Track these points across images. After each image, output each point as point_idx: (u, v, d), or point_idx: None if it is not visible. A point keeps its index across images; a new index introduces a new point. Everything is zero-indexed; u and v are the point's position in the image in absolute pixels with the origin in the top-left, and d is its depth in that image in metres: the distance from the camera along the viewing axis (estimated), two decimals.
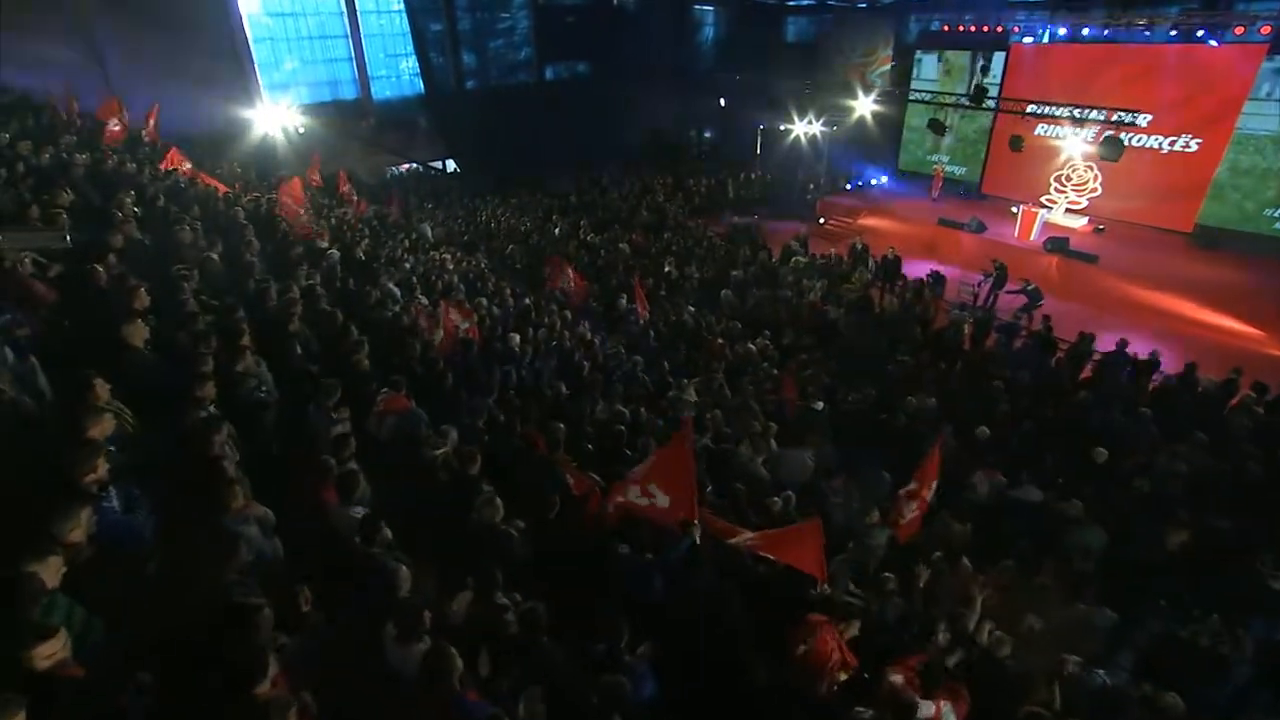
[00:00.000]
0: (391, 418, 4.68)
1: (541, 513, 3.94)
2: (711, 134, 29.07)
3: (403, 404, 4.76)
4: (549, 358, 7.69)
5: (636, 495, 3.96)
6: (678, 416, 6.73)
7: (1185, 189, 16.68)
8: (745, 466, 6.00)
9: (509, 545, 3.66)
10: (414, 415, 4.67)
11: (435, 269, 11.01)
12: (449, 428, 4.49)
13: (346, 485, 3.58)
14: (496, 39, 23.69)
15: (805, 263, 13.78)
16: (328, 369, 5.41)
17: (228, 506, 2.98)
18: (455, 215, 18.29)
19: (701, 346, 9.86)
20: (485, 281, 11.32)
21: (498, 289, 10.53)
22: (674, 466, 3.84)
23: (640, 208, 20.31)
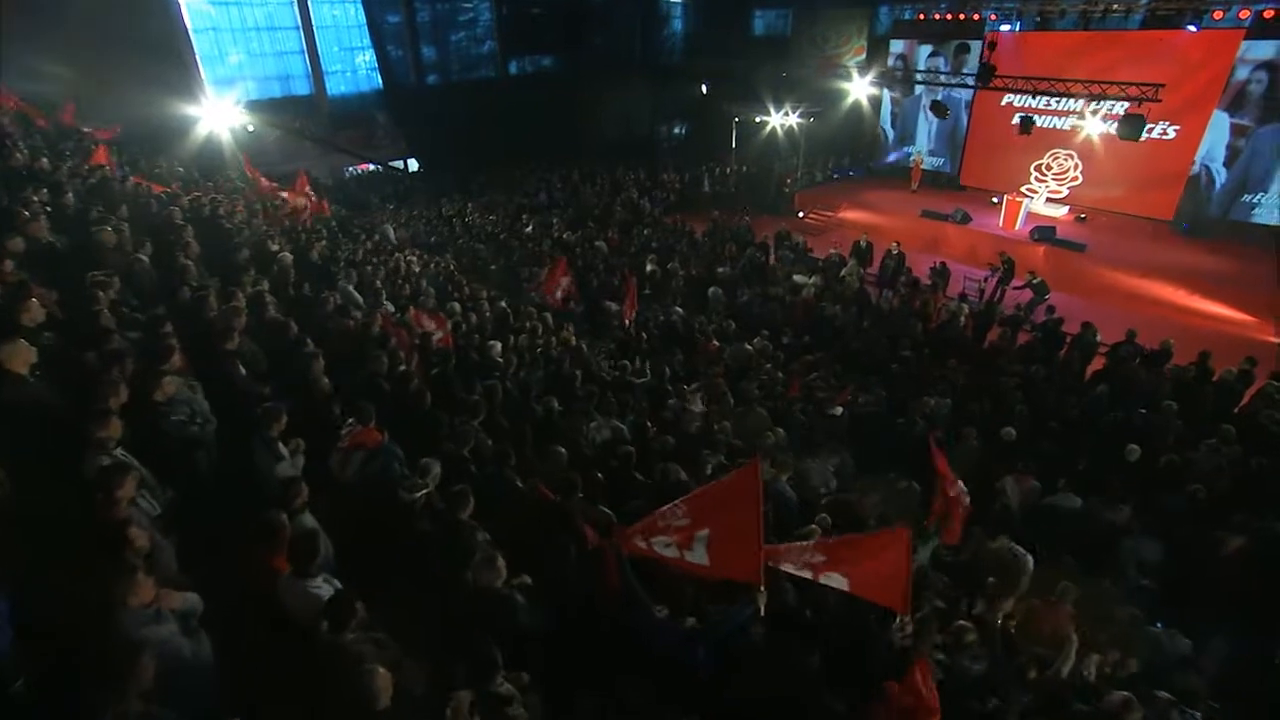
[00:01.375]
0: (360, 455, 3.84)
1: (553, 568, 3.17)
2: (684, 128, 28.45)
3: (373, 438, 3.92)
4: (534, 367, 6.89)
5: (666, 545, 3.18)
6: (687, 431, 6.01)
7: (1164, 177, 16.57)
8: (770, 487, 5.28)
9: (514, 614, 2.88)
10: (386, 452, 3.84)
11: (401, 272, 10.11)
12: (430, 461, 3.67)
13: (302, 550, 2.74)
14: (457, 32, 22.69)
15: (799, 258, 13.19)
16: (280, 390, 4.55)
17: (126, 600, 2.13)
18: (419, 216, 17.28)
19: (695, 349, 9.16)
20: (457, 285, 10.46)
21: (472, 293, 9.67)
22: (733, 516, 3.06)
23: (614, 205, 19.56)
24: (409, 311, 6.98)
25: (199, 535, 2.99)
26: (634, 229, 16.97)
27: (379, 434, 4.04)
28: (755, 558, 2.95)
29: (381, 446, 3.97)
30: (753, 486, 3.01)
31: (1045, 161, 18.18)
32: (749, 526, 2.95)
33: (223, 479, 3.51)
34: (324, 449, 3.88)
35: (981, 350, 9.41)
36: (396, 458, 4.05)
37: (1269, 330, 12.66)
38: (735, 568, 3.05)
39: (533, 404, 5.68)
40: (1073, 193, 17.89)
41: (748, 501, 2.97)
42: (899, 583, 3.10)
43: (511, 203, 19.19)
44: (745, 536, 2.95)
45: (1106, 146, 17.32)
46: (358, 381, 5.01)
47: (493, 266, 12.67)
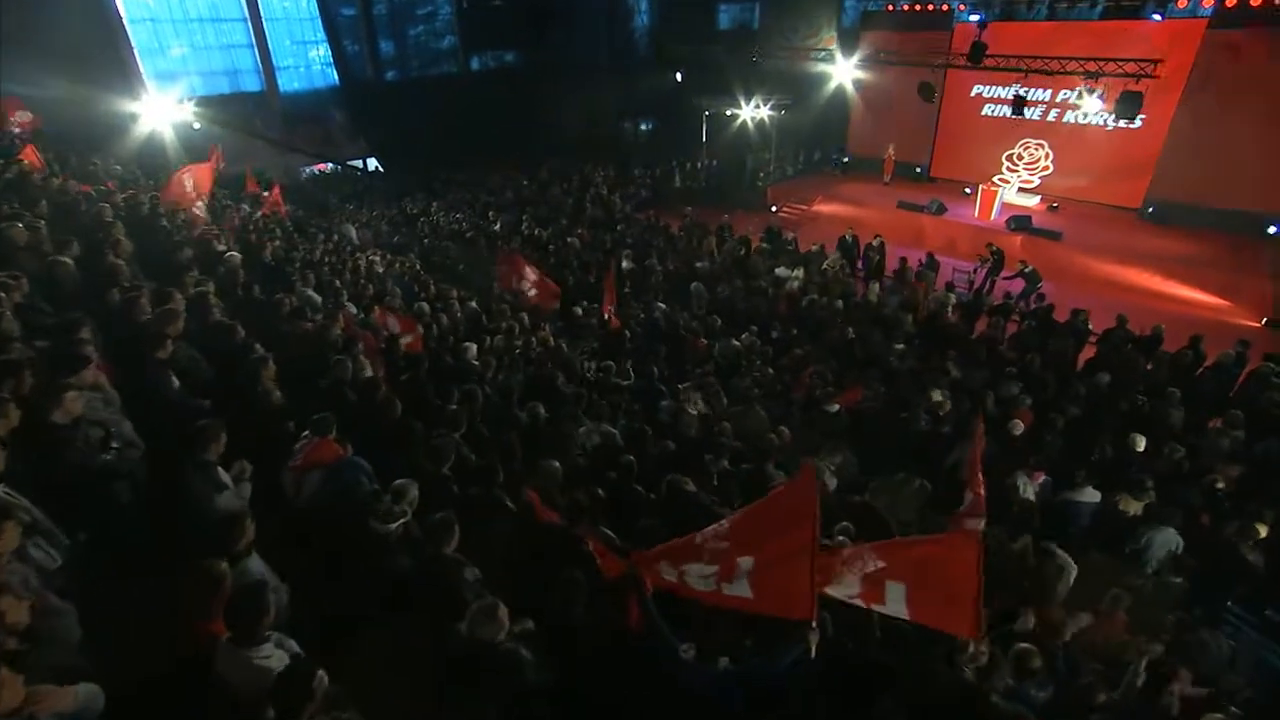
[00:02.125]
0: (317, 474, 3.25)
1: (561, 609, 2.64)
2: (651, 124, 28.03)
3: (332, 452, 3.33)
4: (514, 370, 6.32)
5: (703, 577, 2.67)
6: (686, 434, 5.52)
7: (1132, 166, 16.69)
8: None
9: (518, 672, 2.35)
10: (350, 467, 3.25)
11: (364, 273, 9.42)
12: (406, 483, 3.09)
13: (245, 610, 2.15)
14: (416, 26, 21.89)
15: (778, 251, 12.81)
16: (225, 403, 3.92)
17: None
18: (381, 216, 16.47)
19: (681, 346, 8.68)
20: (424, 285, 9.80)
21: (441, 293, 9.03)
22: (782, 540, 2.54)
23: (584, 201, 19.04)
24: (374, 313, 6.34)
25: (115, 592, 2.38)
26: (606, 225, 16.47)
27: (339, 448, 3.45)
28: (809, 590, 2.46)
29: (343, 461, 3.38)
30: (807, 503, 2.50)
31: (1016, 151, 18.22)
32: (801, 552, 2.45)
33: (150, 517, 2.89)
34: (277, 472, 3.28)
35: (975, 341, 9.11)
36: (364, 472, 3.47)
37: (1245, 313, 12.75)
38: (784, 602, 2.56)
39: (516, 411, 5.12)
40: (1044, 182, 17.95)
41: (801, 522, 2.46)
42: (968, 600, 2.62)
43: (477, 201, 18.49)
44: (797, 564, 2.45)
45: (1076, 136, 17.42)
46: (317, 391, 4.40)
47: (461, 266, 12.00)
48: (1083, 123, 17.31)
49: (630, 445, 4.95)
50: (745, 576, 2.58)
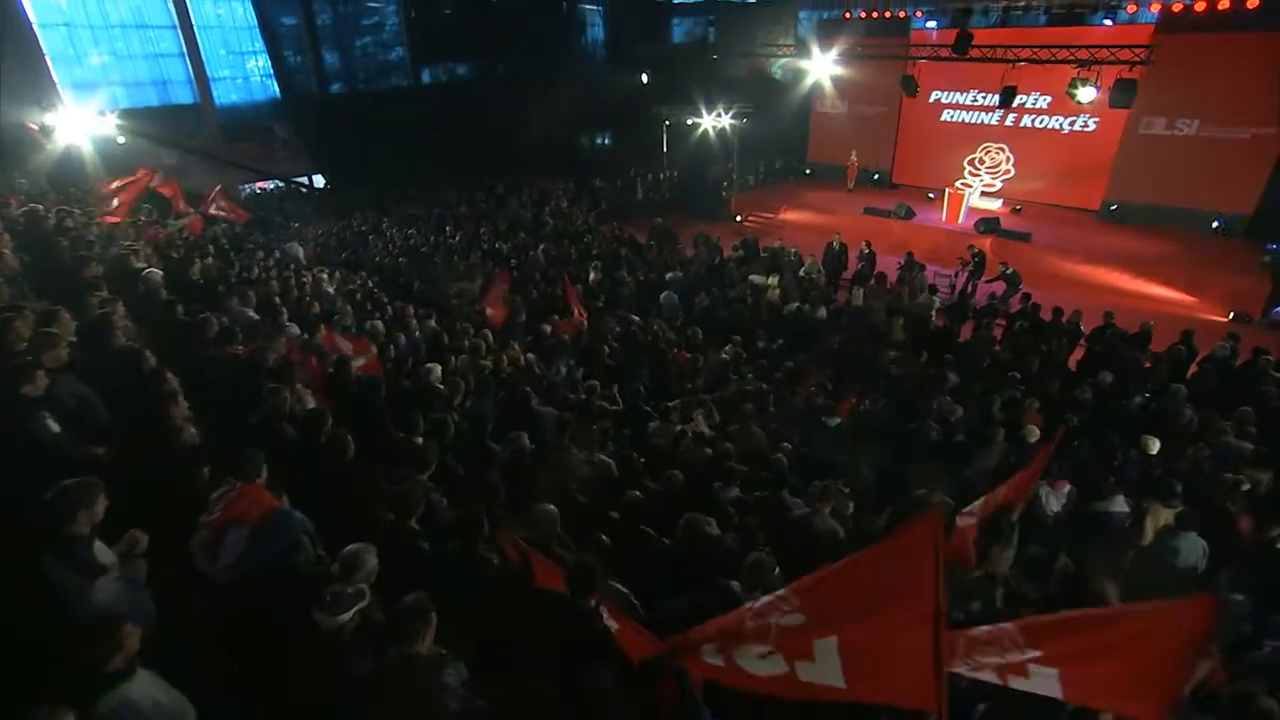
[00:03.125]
0: (240, 533, 2.46)
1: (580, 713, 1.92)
2: (610, 136, 27.63)
3: (261, 503, 2.54)
4: (484, 394, 5.55)
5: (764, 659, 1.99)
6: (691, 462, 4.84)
7: (1089, 168, 16.89)
8: (808, 524, 4.19)
9: None
10: (284, 523, 2.47)
11: (310, 290, 8.52)
12: (360, 551, 2.33)
13: None
14: (363, 37, 20.99)
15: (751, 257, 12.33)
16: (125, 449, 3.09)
17: None
18: (329, 233, 15.46)
19: (662, 362, 8.02)
20: (378, 303, 8.94)
21: (397, 310, 8.18)
22: (890, 612, 1.84)
23: (544, 214, 18.36)
24: (320, 332, 5.50)
25: None
26: (569, 237, 15.80)
27: (270, 496, 2.66)
28: (931, 673, 1.80)
29: (276, 516, 2.59)
30: (922, 564, 1.83)
31: (978, 155, 18.31)
32: (918, 626, 1.79)
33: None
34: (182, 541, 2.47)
35: (971, 344, 8.71)
36: (303, 530, 2.69)
37: (1211, 308, 12.83)
38: (893, 688, 1.90)
39: (489, 443, 4.37)
40: (1006, 185, 18.06)
41: (918, 586, 1.80)
42: (1165, 681, 1.98)
43: (432, 215, 17.61)
44: (912, 642, 1.79)
45: (1035, 139, 17.60)
46: (248, 428, 3.58)
47: (417, 284, 11.14)
48: (1040, 126, 17.52)
49: (628, 477, 4.25)
50: (834, 657, 1.91)
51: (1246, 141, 15.12)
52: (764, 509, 4.50)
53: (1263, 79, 14.19)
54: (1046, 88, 17.02)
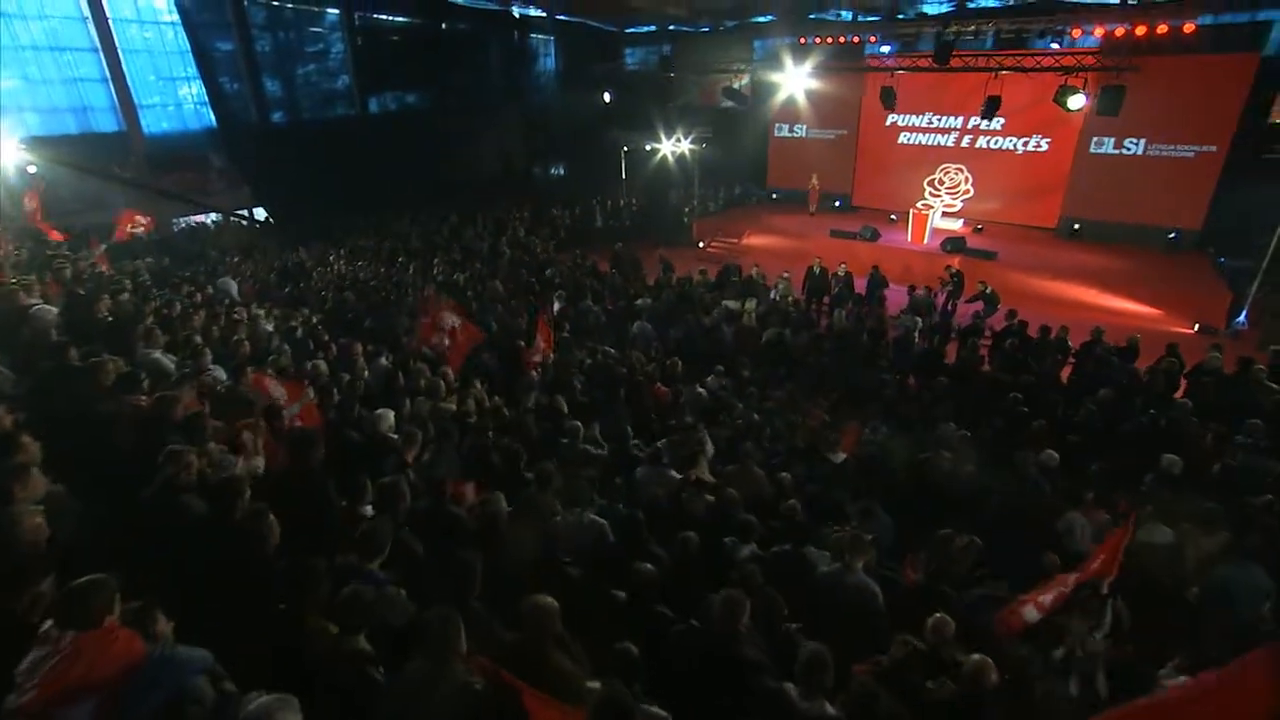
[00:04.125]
0: (83, 713, 1.63)
1: None
2: (565, 165, 27.27)
3: (114, 658, 1.72)
4: (445, 443, 4.75)
5: None
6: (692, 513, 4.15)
7: (1045, 187, 17.16)
8: (841, 584, 3.53)
9: None
10: (161, 674, 1.66)
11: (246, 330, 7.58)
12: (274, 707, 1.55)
13: None
14: (306, 64, 20.07)
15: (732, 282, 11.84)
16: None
17: None
18: (270, 267, 14.39)
19: (639, 396, 7.33)
20: (321, 342, 8.03)
21: (343, 348, 7.29)
22: None
23: (500, 244, 17.64)
24: (246, 376, 4.64)
25: None
26: (529, 267, 15.08)
27: (133, 641, 1.83)
28: None
29: (147, 666, 1.77)
30: None
31: (937, 176, 18.44)
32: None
33: None
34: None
35: (964, 366, 8.31)
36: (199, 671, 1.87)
37: (1177, 321, 12.90)
38: None
39: (452, 508, 3.59)
40: (965, 205, 18.20)
41: None
42: None
43: (382, 248, 16.69)
44: None
45: (990, 160, 17.84)
46: (137, 506, 2.74)
47: (367, 321, 10.23)
48: (995, 147, 17.76)
49: (631, 542, 3.52)
50: None
51: (1191, 160, 15.54)
52: (785, 568, 3.82)
53: (1202, 100, 14.62)
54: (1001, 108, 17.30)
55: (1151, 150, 15.77)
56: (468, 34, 23.98)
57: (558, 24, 26.19)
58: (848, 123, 19.91)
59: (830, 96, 19.11)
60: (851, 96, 19.24)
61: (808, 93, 18.91)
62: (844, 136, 20.14)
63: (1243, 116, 14.62)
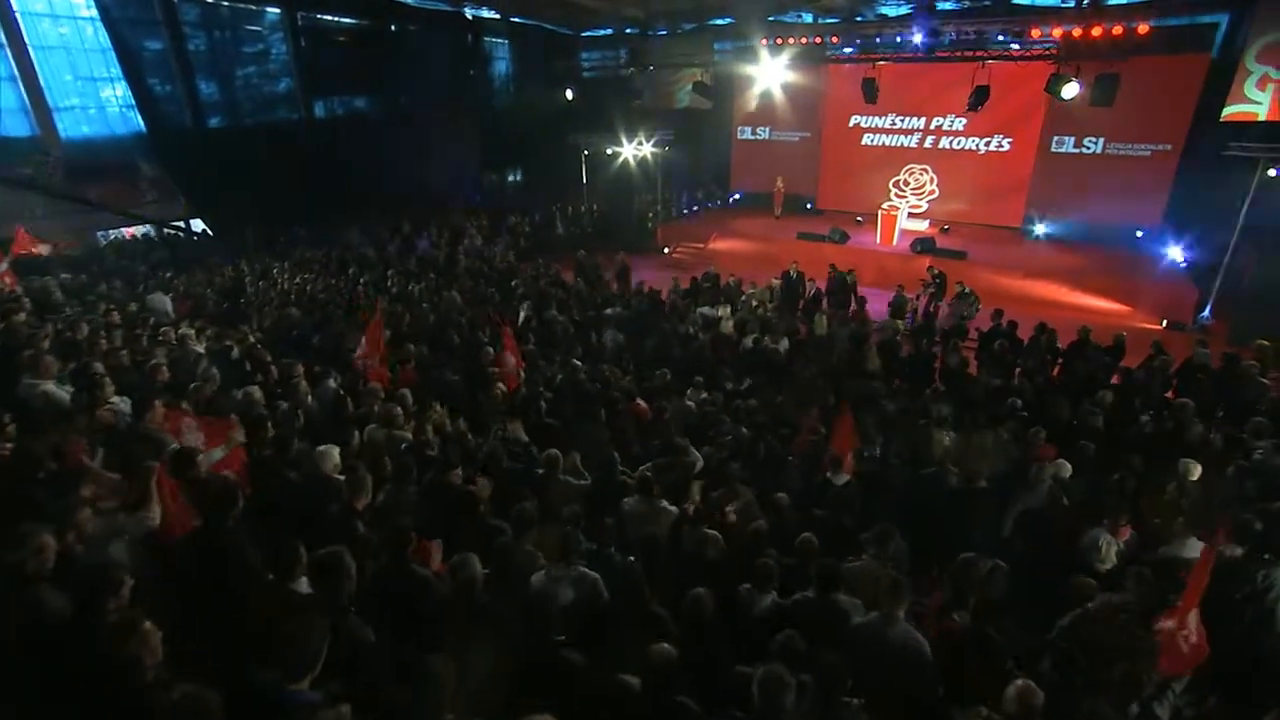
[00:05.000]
0: None
1: None
2: (526, 168, 26.57)
3: None
4: (403, 481, 4.03)
5: None
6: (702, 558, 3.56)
7: (1008, 186, 17.22)
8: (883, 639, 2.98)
9: None
10: None
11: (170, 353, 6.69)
12: None
13: None
14: (245, 66, 18.93)
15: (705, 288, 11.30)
16: None
17: None
18: (207, 282, 13.29)
19: (614, 414, 6.71)
20: (260, 363, 7.18)
21: (284, 372, 6.46)
22: None
23: (457, 253, 16.84)
24: (153, 412, 3.85)
25: None
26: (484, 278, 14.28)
27: None
28: None
29: None
30: None
31: (902, 177, 18.36)
32: None
33: None
34: None
35: (956, 371, 7.93)
36: None
37: (1146, 317, 12.94)
38: None
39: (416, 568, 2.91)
40: (931, 206, 18.14)
41: None
42: None
43: (331, 259, 15.70)
44: None
45: (954, 160, 17.82)
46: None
47: (315, 338, 9.36)
48: (957, 148, 17.76)
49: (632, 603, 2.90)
50: None
51: (1148, 159, 15.75)
52: (814, 620, 3.25)
53: (1155, 100, 14.78)
54: (962, 109, 17.32)
55: (1110, 149, 15.92)
56: (418, 36, 23.06)
57: (512, 26, 25.48)
58: (811, 125, 19.73)
59: (793, 98, 18.89)
60: (815, 98, 19.07)
61: (771, 95, 18.65)
62: (808, 139, 19.96)
63: (1195, 115, 14.84)
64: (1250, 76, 12.17)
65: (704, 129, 21.82)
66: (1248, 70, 12.18)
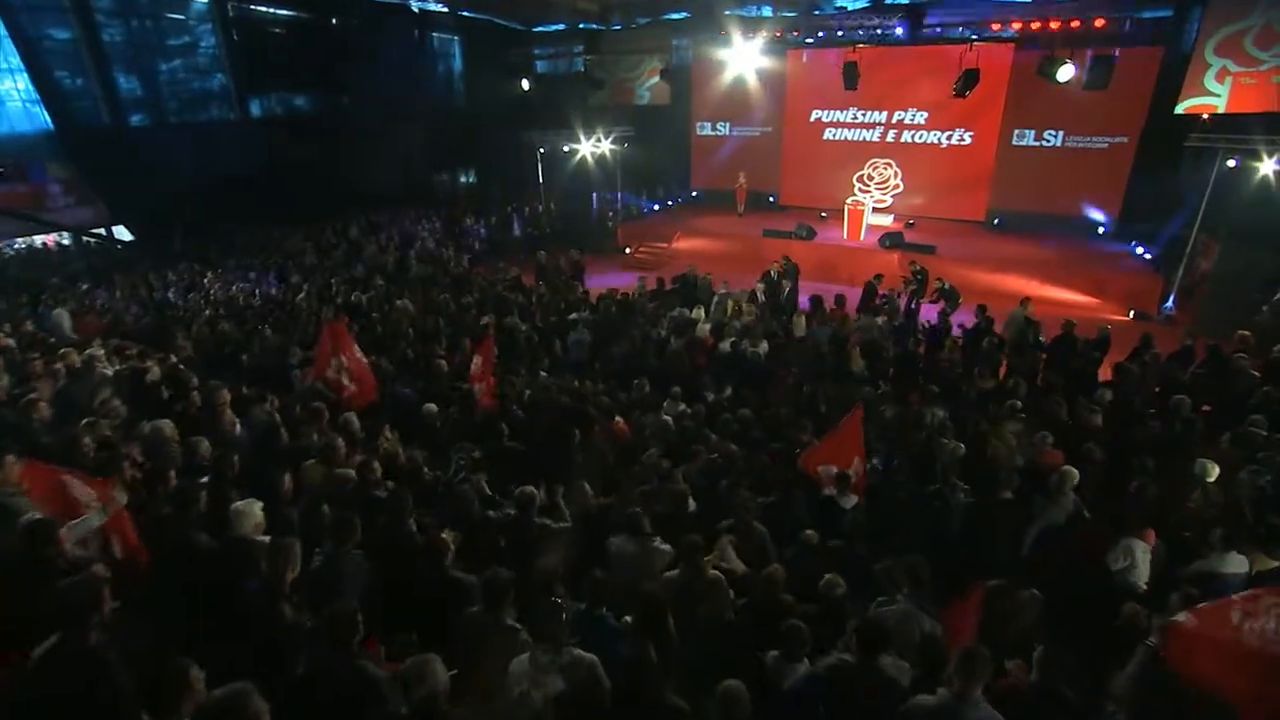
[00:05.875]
0: None
1: None
2: (475, 172, 25.62)
3: None
4: (347, 536, 3.27)
5: None
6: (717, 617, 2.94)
7: (972, 180, 17.15)
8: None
9: None
10: None
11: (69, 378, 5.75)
12: None
13: None
14: (170, 59, 17.57)
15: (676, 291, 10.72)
16: None
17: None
18: (126, 296, 12.11)
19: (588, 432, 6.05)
20: (182, 387, 6.29)
21: (205, 398, 5.59)
22: None
23: (408, 259, 15.89)
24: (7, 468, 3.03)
25: None
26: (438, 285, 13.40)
27: None
28: None
29: None
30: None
31: (866, 171, 18.15)
32: None
33: None
34: None
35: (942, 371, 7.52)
36: None
37: (1113, 308, 12.93)
38: None
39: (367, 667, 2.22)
40: (895, 201, 17.98)
41: None
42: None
43: (270, 266, 14.61)
44: None
45: (916, 155, 17.69)
46: None
47: (245, 356, 8.42)
48: (920, 141, 17.64)
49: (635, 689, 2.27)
50: None
51: (1105, 151, 15.87)
52: (858, 692, 2.67)
53: (1111, 93, 14.83)
54: (922, 104, 17.24)
55: (1070, 141, 15.99)
56: (363, 30, 21.89)
57: (461, 21, 24.49)
58: (772, 119, 19.39)
59: (754, 92, 18.49)
60: (776, 92, 18.72)
61: (733, 88, 18.20)
62: (769, 133, 19.61)
63: (1151, 108, 14.97)
64: (1209, 69, 12.23)
65: (663, 125, 21.32)
66: (1207, 63, 12.24)
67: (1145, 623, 3.75)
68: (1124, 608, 3.85)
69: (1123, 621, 3.83)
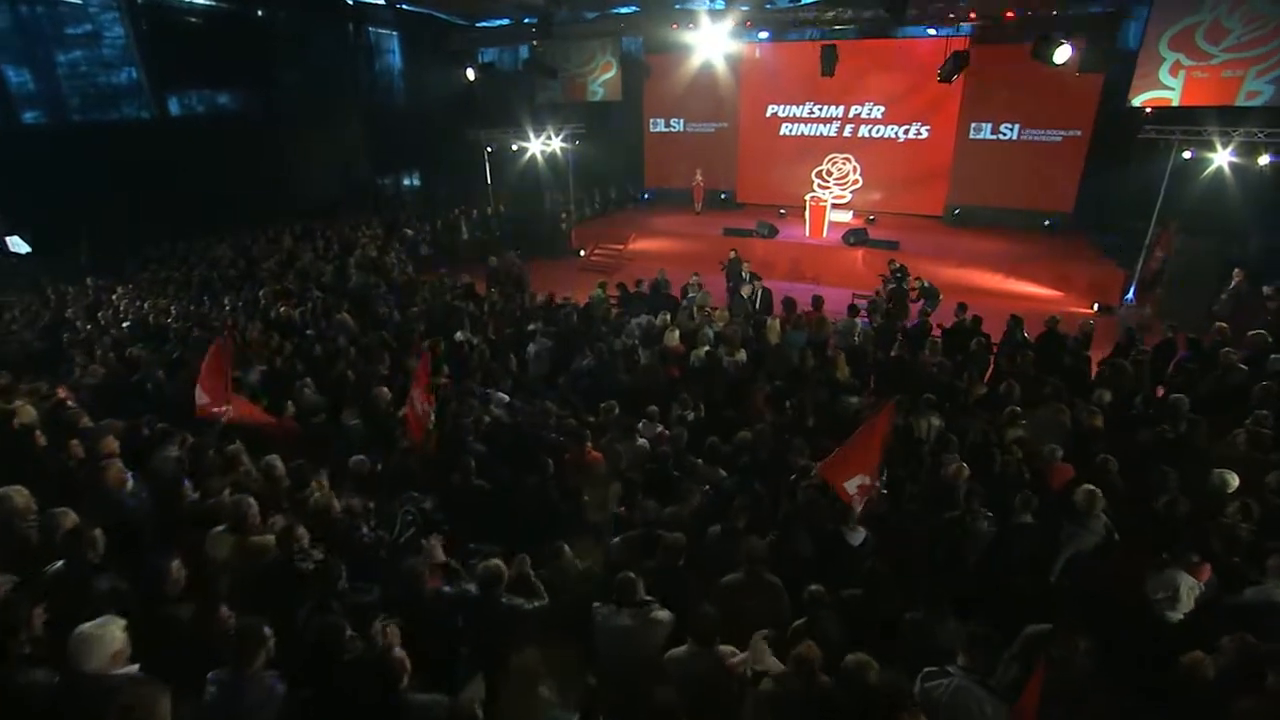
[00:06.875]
0: None
1: None
2: (419, 175, 24.39)
3: None
4: (251, 695, 2.46)
5: None
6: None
7: (929, 174, 17.02)
8: None
9: None
10: None
11: None
12: None
13: None
14: (69, 50, 15.93)
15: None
16: None
17: None
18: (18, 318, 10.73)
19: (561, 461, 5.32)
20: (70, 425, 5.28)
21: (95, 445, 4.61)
22: None
23: (347, 266, 14.77)
24: None
25: None
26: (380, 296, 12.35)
27: None
28: None
29: None
30: None
31: (825, 167, 17.84)
32: None
33: None
34: None
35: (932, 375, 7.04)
36: None
37: (1077, 301, 12.87)
38: None
39: None
40: (855, 197, 17.73)
41: None
42: None
43: (191, 279, 13.31)
44: None
45: (874, 149, 17.47)
46: None
47: (150, 385, 7.33)
48: (876, 136, 17.42)
49: None
50: None
51: (1059, 144, 15.92)
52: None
53: (1065, 85, 14.87)
54: (880, 98, 17.02)
55: (1025, 135, 15.99)
56: (292, 23, 20.43)
57: (400, 15, 23.22)
58: (726, 115, 18.91)
59: (707, 87, 17.97)
60: (730, 88, 18.24)
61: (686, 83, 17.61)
62: (724, 130, 19.12)
63: (1102, 101, 15.06)
64: (1163, 63, 12.24)
65: (615, 121, 20.62)
66: (1161, 57, 12.24)
67: (1209, 673, 3.29)
68: (1184, 658, 3.36)
69: (1183, 673, 3.35)
